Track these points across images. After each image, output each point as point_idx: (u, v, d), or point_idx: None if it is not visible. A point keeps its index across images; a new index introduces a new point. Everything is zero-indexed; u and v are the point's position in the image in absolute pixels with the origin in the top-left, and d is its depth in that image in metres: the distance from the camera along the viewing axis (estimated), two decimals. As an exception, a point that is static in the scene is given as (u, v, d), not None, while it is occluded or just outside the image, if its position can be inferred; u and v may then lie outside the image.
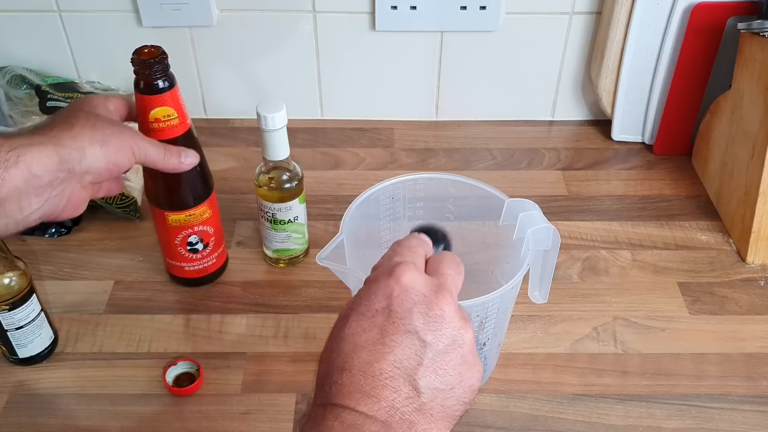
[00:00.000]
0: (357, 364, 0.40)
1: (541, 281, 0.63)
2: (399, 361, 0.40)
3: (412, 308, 0.41)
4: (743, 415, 0.65)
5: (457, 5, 0.91)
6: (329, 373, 0.41)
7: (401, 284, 0.42)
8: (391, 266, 0.43)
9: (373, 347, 0.40)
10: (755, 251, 0.79)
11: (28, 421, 0.64)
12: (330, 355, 0.41)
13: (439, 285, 0.42)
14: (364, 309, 0.42)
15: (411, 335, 0.40)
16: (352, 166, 0.94)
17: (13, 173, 0.48)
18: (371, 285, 0.43)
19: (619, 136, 0.98)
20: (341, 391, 0.39)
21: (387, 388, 0.39)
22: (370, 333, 0.40)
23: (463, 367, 0.42)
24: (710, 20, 0.85)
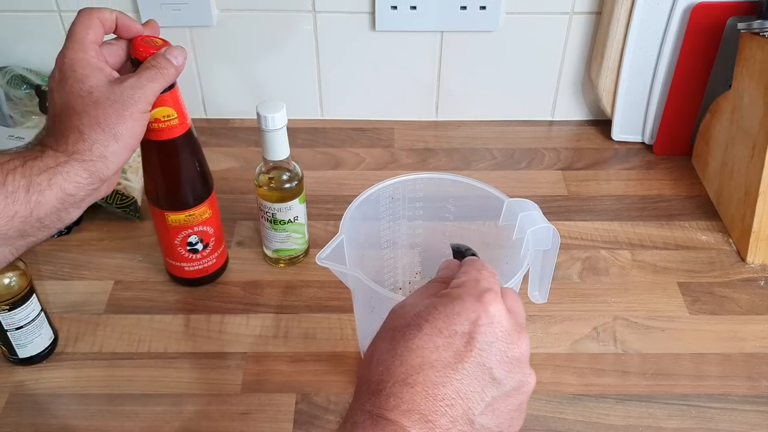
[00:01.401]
0: (422, 381, 0.38)
1: (540, 281, 0.63)
2: (464, 391, 0.38)
3: (493, 342, 0.40)
4: (743, 415, 0.65)
5: (457, 5, 0.91)
6: (386, 381, 0.39)
7: (489, 314, 0.40)
8: (480, 290, 0.41)
9: (442, 369, 0.38)
10: (755, 251, 0.79)
11: (28, 421, 0.64)
12: (391, 361, 0.39)
13: (520, 325, 0.42)
14: (442, 326, 0.40)
15: (484, 369, 0.39)
16: (352, 166, 0.94)
17: (48, 196, 0.49)
18: (455, 302, 0.41)
19: (619, 136, 0.98)
20: (399, 407, 0.37)
21: (445, 416, 0.38)
22: (443, 353, 0.39)
23: (516, 413, 0.41)
24: (710, 20, 0.85)
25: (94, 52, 0.54)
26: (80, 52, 0.54)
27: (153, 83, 0.55)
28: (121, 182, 0.82)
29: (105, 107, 0.52)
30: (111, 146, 0.52)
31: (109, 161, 0.52)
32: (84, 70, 0.53)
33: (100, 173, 0.52)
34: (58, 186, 0.49)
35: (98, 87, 0.52)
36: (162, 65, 0.56)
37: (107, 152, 0.52)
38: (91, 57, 0.54)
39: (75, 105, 0.52)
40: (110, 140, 0.52)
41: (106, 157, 0.52)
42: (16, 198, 0.48)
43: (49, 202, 0.49)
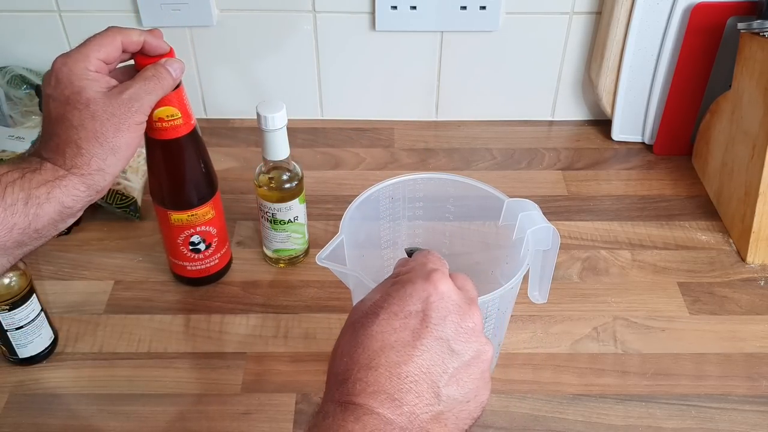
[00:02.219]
0: (384, 363, 0.39)
1: (540, 281, 0.63)
2: (426, 366, 0.40)
3: (446, 316, 0.41)
4: (743, 415, 0.65)
5: (457, 5, 0.91)
6: (350, 369, 0.40)
7: (439, 291, 0.42)
8: (427, 271, 0.43)
9: (402, 349, 0.40)
10: (755, 251, 0.79)
11: (28, 421, 0.64)
12: (354, 350, 0.41)
13: (471, 299, 0.44)
14: (396, 309, 0.41)
15: (442, 342, 0.40)
16: (352, 166, 0.94)
17: (47, 208, 0.50)
18: (406, 286, 0.43)
19: (619, 136, 0.98)
20: (365, 390, 0.39)
21: (411, 392, 0.39)
22: (401, 334, 0.40)
23: (480, 382, 0.42)
24: (710, 20, 0.85)
25: (94, 66, 0.54)
26: (81, 62, 0.53)
27: (150, 95, 0.55)
28: (121, 182, 0.82)
29: (102, 121, 0.52)
30: (109, 159, 0.52)
31: (107, 173, 0.53)
32: (81, 81, 0.53)
33: (98, 185, 0.53)
34: (56, 199, 0.50)
35: (95, 100, 0.52)
36: (161, 75, 0.56)
37: (105, 165, 0.52)
38: (89, 69, 0.53)
39: (72, 118, 0.52)
40: (108, 154, 0.52)
41: (103, 170, 0.52)
42: (15, 210, 0.48)
43: (47, 215, 0.50)
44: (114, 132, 0.52)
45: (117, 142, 0.52)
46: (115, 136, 0.52)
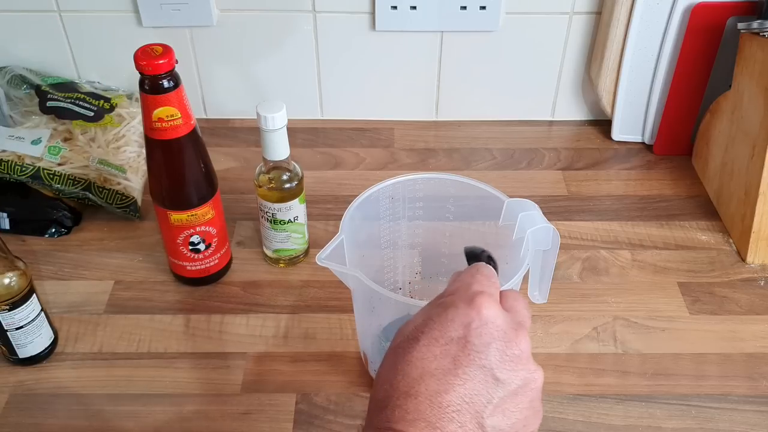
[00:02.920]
0: (424, 391, 0.38)
1: (540, 281, 0.63)
2: (469, 395, 0.38)
3: (490, 343, 0.40)
4: (743, 415, 0.65)
5: (457, 5, 0.91)
6: (390, 396, 0.39)
7: (482, 316, 0.40)
8: (471, 295, 0.41)
9: (443, 377, 0.38)
10: (755, 251, 0.79)
11: (28, 421, 0.64)
12: (393, 377, 0.39)
13: (518, 323, 0.41)
14: (437, 335, 0.40)
15: (485, 371, 0.39)
16: (352, 166, 0.94)
17: None
18: (448, 310, 0.41)
19: (619, 136, 0.98)
20: (405, 417, 0.37)
21: (453, 422, 0.37)
22: (441, 361, 0.39)
23: (529, 412, 0.40)
24: (710, 20, 0.85)
25: None
26: None
27: None
28: (121, 182, 0.82)
29: None
30: None
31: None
32: None
33: None
34: None
35: None
36: None
37: None
38: None
39: None
40: None
41: None
42: None
43: None
44: None
45: None
46: None
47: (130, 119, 0.88)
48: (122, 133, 0.87)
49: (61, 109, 0.85)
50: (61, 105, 0.86)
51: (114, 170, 0.82)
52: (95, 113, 0.86)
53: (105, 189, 0.81)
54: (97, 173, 0.82)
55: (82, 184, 0.80)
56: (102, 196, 0.81)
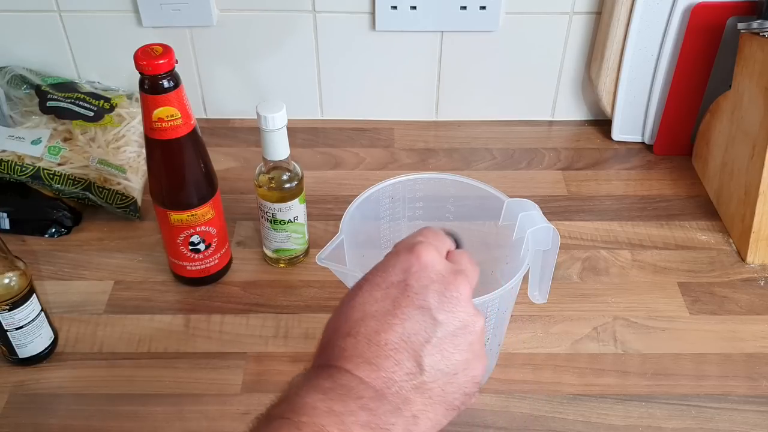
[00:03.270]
0: (363, 331, 0.39)
1: (540, 281, 0.63)
2: (407, 335, 0.39)
3: (428, 285, 0.41)
4: (743, 415, 0.65)
5: (457, 5, 0.91)
6: (332, 338, 0.40)
7: (421, 261, 0.42)
8: (411, 243, 0.43)
9: (383, 317, 0.40)
10: (755, 251, 0.79)
11: (28, 421, 0.64)
12: (337, 321, 0.41)
13: (458, 270, 0.43)
14: (379, 280, 0.42)
15: (423, 311, 0.40)
16: (352, 166, 0.94)
17: None
18: (390, 258, 0.43)
19: (619, 136, 0.98)
20: (342, 355, 0.39)
21: (389, 359, 0.39)
22: (382, 303, 0.40)
23: (469, 354, 0.41)
24: (710, 20, 0.85)
25: None
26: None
27: None
28: (121, 182, 0.82)
29: None
30: None
31: None
32: None
33: None
34: None
35: None
36: None
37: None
38: None
39: None
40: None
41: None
42: None
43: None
44: None
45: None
46: None
47: (130, 119, 0.88)
48: (122, 133, 0.87)
49: (61, 109, 0.85)
50: (61, 105, 0.86)
51: (114, 170, 0.82)
52: (95, 113, 0.86)
53: (105, 189, 0.81)
54: (97, 173, 0.82)
55: (82, 184, 0.80)
56: (102, 196, 0.81)
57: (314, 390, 0.38)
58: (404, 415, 0.38)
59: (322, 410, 0.36)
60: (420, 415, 0.39)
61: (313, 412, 0.36)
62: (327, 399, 0.37)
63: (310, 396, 0.37)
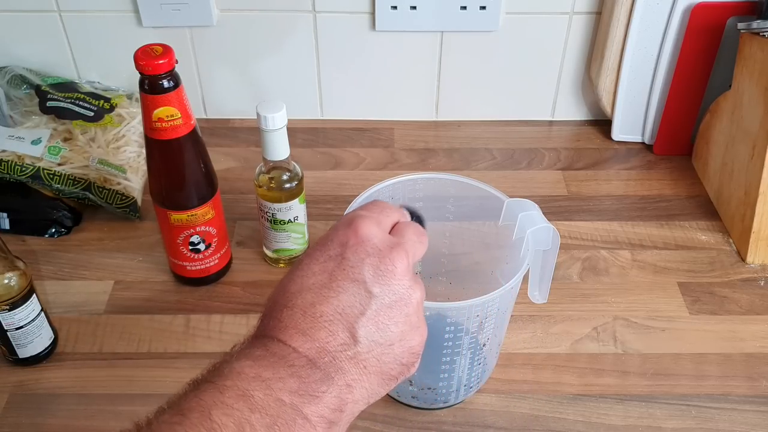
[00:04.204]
0: (300, 303, 0.40)
1: (540, 281, 0.63)
2: (342, 307, 0.40)
3: (364, 259, 0.42)
4: (743, 415, 0.65)
5: (457, 5, 0.91)
6: (270, 310, 0.41)
7: (358, 235, 0.42)
8: (350, 218, 0.44)
9: (318, 290, 0.41)
10: (755, 251, 0.79)
11: (28, 421, 0.64)
12: (276, 294, 0.42)
13: (395, 243, 0.43)
14: (318, 254, 0.42)
15: (358, 284, 0.41)
16: (352, 166, 0.94)
17: None
18: (330, 232, 0.44)
19: (619, 136, 0.98)
20: (277, 326, 0.40)
21: (323, 329, 0.39)
22: (319, 276, 0.41)
23: (405, 326, 0.42)
24: (710, 20, 0.85)
25: None
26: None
27: None
28: (121, 182, 0.82)
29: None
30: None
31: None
32: None
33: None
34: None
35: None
36: None
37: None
38: None
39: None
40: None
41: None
42: None
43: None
44: None
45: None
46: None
47: (130, 119, 0.88)
48: (122, 133, 0.87)
49: (61, 109, 0.85)
50: (61, 105, 0.86)
51: (114, 170, 0.82)
52: (95, 113, 0.86)
53: (105, 189, 0.81)
54: (97, 173, 0.82)
55: (82, 184, 0.80)
56: (102, 196, 0.81)
57: (245, 357, 0.38)
58: (337, 384, 0.39)
59: (248, 375, 0.37)
60: (354, 384, 0.40)
61: (238, 377, 0.37)
62: (255, 366, 0.37)
63: (239, 363, 0.38)
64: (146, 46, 0.62)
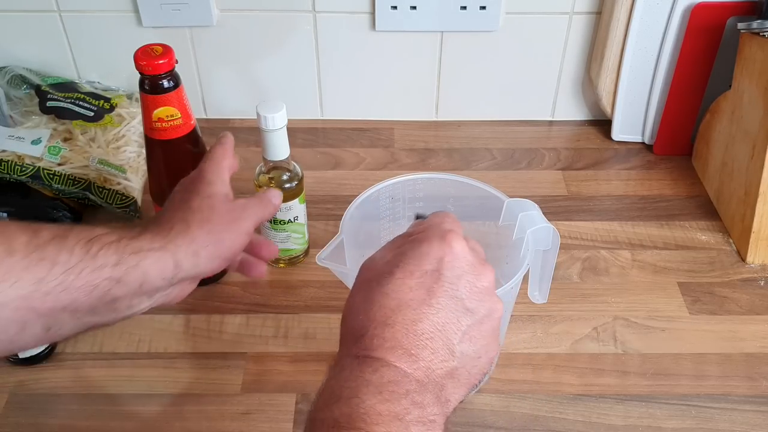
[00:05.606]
0: (401, 321, 0.41)
1: (540, 281, 0.63)
2: (441, 324, 0.41)
3: (461, 276, 0.43)
4: (743, 415, 0.65)
5: (457, 5, 0.91)
6: (367, 326, 0.41)
7: (454, 251, 0.44)
8: (443, 232, 0.45)
9: (418, 307, 0.41)
10: (755, 251, 0.79)
11: (28, 421, 0.64)
12: (369, 307, 0.42)
13: (483, 260, 0.45)
14: (413, 268, 0.43)
15: (456, 301, 0.42)
16: (352, 166, 0.94)
17: (132, 277, 0.46)
18: (422, 245, 0.44)
19: (619, 136, 0.98)
20: (383, 345, 0.40)
21: (426, 348, 0.40)
22: (416, 292, 0.42)
23: (490, 339, 0.44)
24: (710, 20, 0.85)
25: (226, 172, 0.56)
26: (215, 164, 0.56)
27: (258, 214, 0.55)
28: (121, 182, 0.82)
29: (220, 213, 0.51)
30: (209, 248, 0.50)
31: (199, 262, 0.49)
32: (213, 176, 0.54)
33: (185, 270, 0.49)
34: (143, 270, 0.46)
35: (219, 195, 0.53)
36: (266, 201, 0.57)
37: (203, 252, 0.49)
38: (223, 171, 0.55)
39: (192, 202, 0.52)
40: (211, 243, 0.50)
41: (198, 255, 0.49)
42: (102, 273, 0.45)
43: (129, 284, 0.46)
44: (226, 226, 0.51)
45: (224, 236, 0.51)
46: (225, 230, 0.51)
47: (130, 119, 0.88)
48: (122, 133, 0.87)
49: (61, 109, 0.85)
50: (61, 105, 0.86)
51: (114, 170, 0.82)
52: (95, 113, 0.86)
53: (105, 189, 0.81)
54: (97, 173, 0.82)
55: (82, 184, 0.80)
56: (102, 196, 0.81)
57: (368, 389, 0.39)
58: (441, 402, 0.40)
59: (387, 416, 0.37)
60: (450, 398, 0.41)
61: (380, 419, 0.37)
62: (385, 400, 0.38)
63: (369, 398, 0.38)
64: (146, 46, 0.62)
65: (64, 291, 0.43)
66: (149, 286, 0.47)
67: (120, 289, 0.45)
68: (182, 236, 0.49)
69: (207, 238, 0.49)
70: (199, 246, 0.49)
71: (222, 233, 0.50)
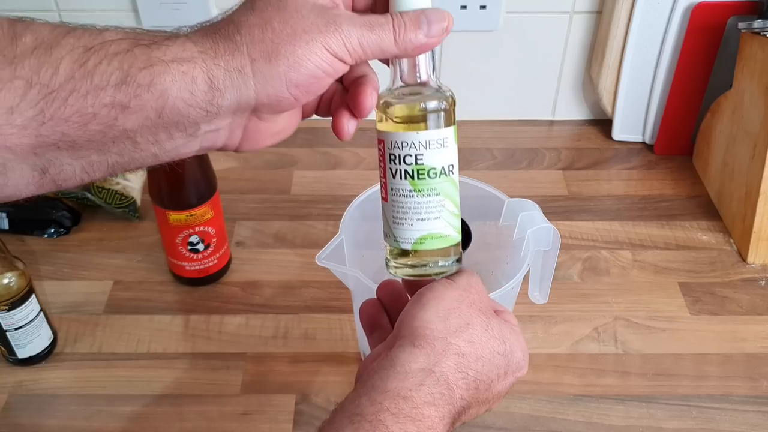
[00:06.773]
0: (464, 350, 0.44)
1: (541, 281, 0.62)
2: (478, 413, 0.46)
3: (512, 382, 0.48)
4: (744, 415, 0.64)
5: (457, 5, 0.90)
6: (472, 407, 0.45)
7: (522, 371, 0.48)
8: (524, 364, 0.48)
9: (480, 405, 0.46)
10: (756, 251, 0.79)
11: (27, 421, 0.64)
12: (434, 327, 0.43)
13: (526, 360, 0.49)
14: (496, 347, 0.46)
15: (499, 396, 0.48)
16: (352, 166, 0.94)
17: (145, 100, 0.34)
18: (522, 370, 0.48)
19: (619, 136, 0.98)
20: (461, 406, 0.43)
21: None
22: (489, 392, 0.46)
23: None
24: (711, 20, 0.84)
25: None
26: None
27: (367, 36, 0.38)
28: (120, 182, 0.82)
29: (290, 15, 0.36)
30: (260, 64, 0.35)
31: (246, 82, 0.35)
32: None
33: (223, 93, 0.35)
34: (159, 90, 0.34)
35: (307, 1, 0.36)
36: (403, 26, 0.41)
37: (250, 69, 0.35)
38: None
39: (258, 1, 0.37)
40: (264, 56, 0.35)
41: (243, 73, 0.35)
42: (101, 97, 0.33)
43: (142, 112, 0.34)
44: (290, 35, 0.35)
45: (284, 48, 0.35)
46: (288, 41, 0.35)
47: (129, 119, 0.88)
48: (122, 133, 0.86)
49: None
50: (61, 105, 0.86)
51: (113, 170, 0.82)
52: (95, 113, 0.86)
53: (104, 189, 0.81)
54: (96, 173, 0.81)
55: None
56: (101, 196, 0.81)
57: None
58: None
59: None
60: None
61: None
62: None
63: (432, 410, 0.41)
64: None
65: (45, 124, 0.33)
66: (174, 116, 0.35)
67: (130, 119, 0.34)
68: (224, 43, 0.36)
69: (259, 48, 0.35)
70: (246, 60, 0.35)
71: (282, 45, 0.35)
